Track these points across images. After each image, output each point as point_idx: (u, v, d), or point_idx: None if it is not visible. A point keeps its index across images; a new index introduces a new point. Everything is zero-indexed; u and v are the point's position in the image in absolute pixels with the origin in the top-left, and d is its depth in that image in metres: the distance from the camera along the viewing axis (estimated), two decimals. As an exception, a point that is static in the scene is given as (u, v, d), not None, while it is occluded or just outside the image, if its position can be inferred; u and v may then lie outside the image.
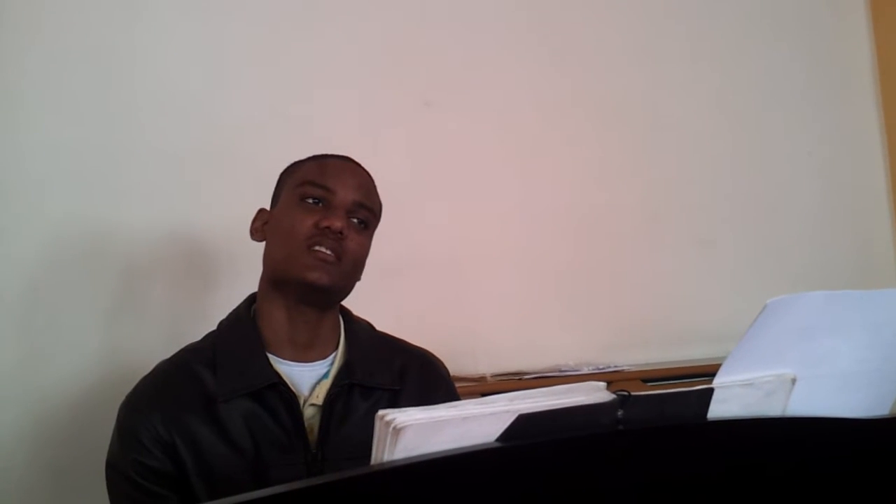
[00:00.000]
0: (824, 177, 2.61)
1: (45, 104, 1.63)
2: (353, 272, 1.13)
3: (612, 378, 1.81)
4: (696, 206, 2.34)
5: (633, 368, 1.93)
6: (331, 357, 1.13)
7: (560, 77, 2.22)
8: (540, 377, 1.79)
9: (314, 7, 1.92)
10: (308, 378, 1.11)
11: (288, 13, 1.89)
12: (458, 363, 1.84)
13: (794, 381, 0.71)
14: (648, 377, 1.87)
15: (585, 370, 1.85)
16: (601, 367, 1.89)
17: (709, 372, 0.70)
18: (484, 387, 1.73)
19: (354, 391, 1.11)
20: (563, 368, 1.85)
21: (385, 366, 1.15)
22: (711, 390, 0.67)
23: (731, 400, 0.68)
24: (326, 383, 1.10)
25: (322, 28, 1.92)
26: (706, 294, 2.23)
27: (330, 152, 1.20)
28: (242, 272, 1.47)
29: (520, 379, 1.79)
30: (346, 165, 1.17)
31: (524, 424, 0.60)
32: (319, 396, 1.09)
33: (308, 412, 1.08)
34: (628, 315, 2.15)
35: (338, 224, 1.07)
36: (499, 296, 2.02)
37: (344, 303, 1.19)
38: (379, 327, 1.25)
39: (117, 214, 1.64)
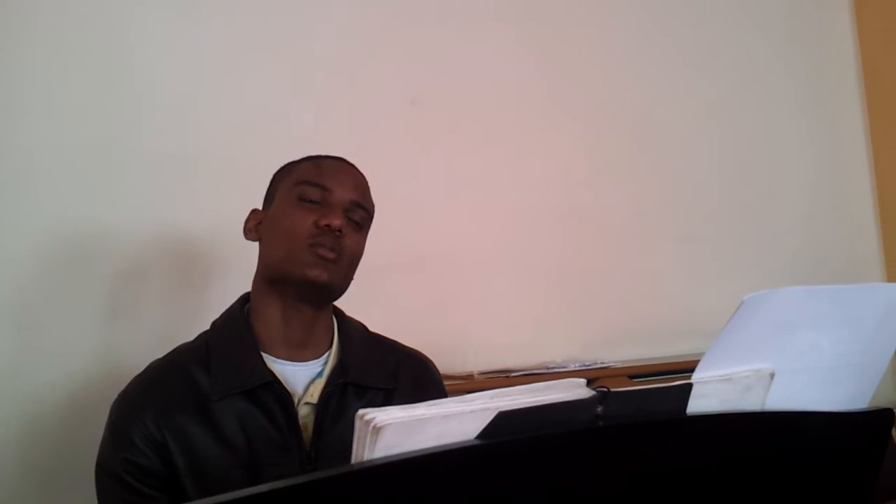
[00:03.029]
0: (809, 174, 2.63)
1: (36, 107, 1.61)
2: (349, 271, 1.14)
3: (598, 374, 1.83)
4: (681, 203, 2.35)
5: (620, 365, 1.94)
6: (324, 356, 1.14)
7: (546, 76, 2.23)
8: (527, 374, 1.79)
9: (301, 9, 1.92)
10: (302, 377, 1.11)
11: (275, 15, 1.89)
12: (446, 361, 1.85)
13: (772, 375, 0.71)
14: (635, 373, 1.88)
15: (572, 367, 1.86)
16: (588, 363, 1.90)
17: (694, 367, 0.70)
18: (471, 384, 1.74)
19: (348, 390, 1.11)
20: (550, 365, 1.86)
21: (378, 365, 1.16)
22: (690, 386, 0.67)
23: (710, 395, 0.69)
24: (321, 382, 1.11)
25: (309, 29, 1.92)
26: (692, 290, 2.25)
27: (319, 152, 1.20)
28: (233, 272, 1.47)
29: (507, 376, 1.79)
30: (342, 166, 1.18)
31: (504, 422, 0.60)
32: (314, 395, 1.09)
33: (302, 411, 1.09)
34: (615, 312, 2.16)
35: (337, 222, 1.08)
36: (487, 294, 2.03)
37: (338, 302, 1.19)
38: (369, 326, 1.25)
39: (108, 216, 1.64)
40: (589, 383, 0.67)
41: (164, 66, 1.74)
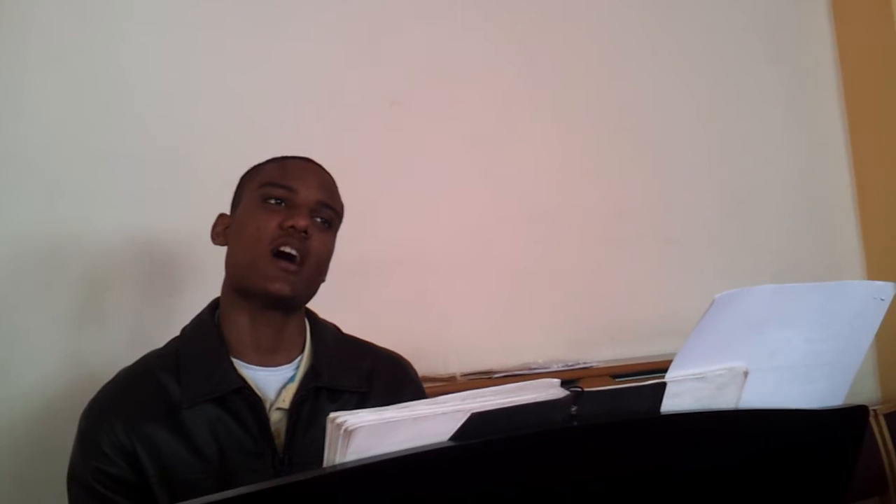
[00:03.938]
0: (789, 173, 2.65)
1: (7, 109, 1.59)
2: (316, 274, 1.12)
3: (581, 375, 1.83)
4: (662, 204, 2.36)
5: (603, 364, 1.95)
6: (297, 360, 1.12)
7: (527, 78, 2.23)
8: (509, 375, 1.79)
9: (280, 10, 1.91)
10: (274, 382, 1.10)
11: (254, 18, 1.88)
12: (428, 363, 1.85)
13: (746, 373, 0.71)
14: (617, 373, 1.89)
15: (555, 367, 1.86)
16: (571, 364, 1.90)
17: (677, 367, 0.70)
18: (454, 386, 1.73)
19: (322, 394, 1.10)
20: (532, 366, 1.86)
21: (352, 368, 1.14)
22: (664, 385, 0.67)
23: (684, 394, 0.69)
24: (293, 387, 1.09)
25: (288, 30, 1.92)
26: (673, 290, 2.26)
27: (293, 154, 1.19)
28: (206, 278, 1.45)
29: (489, 378, 1.79)
30: (307, 166, 1.16)
31: (477, 423, 0.60)
32: (286, 400, 1.08)
33: (274, 416, 1.07)
34: (597, 312, 2.17)
35: (302, 223, 1.06)
36: (469, 295, 2.03)
37: (315, 304, 1.18)
38: (349, 328, 1.24)
39: (80, 220, 1.62)
40: (572, 383, 0.67)
41: (141, 69, 1.73)
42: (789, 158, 2.66)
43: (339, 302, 1.25)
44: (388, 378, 1.17)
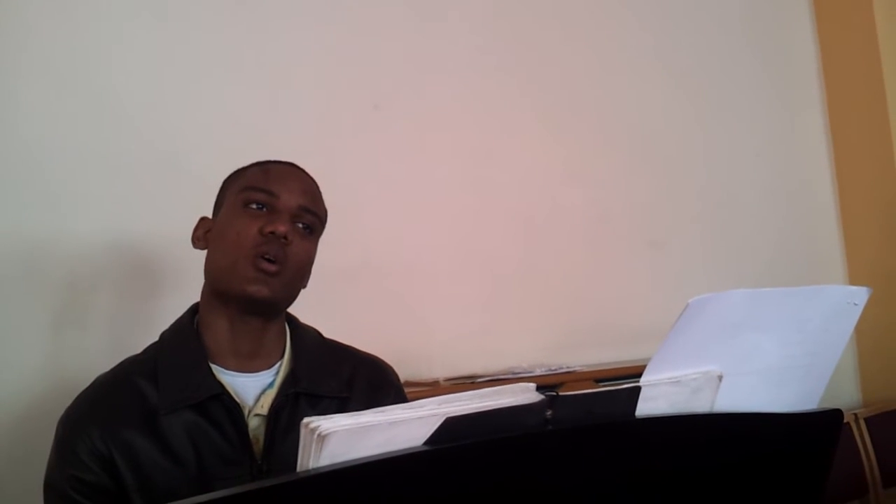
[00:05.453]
0: (772, 177, 2.68)
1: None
2: (296, 280, 1.11)
3: (564, 379, 1.83)
4: (645, 208, 2.38)
5: (586, 369, 1.95)
6: (276, 366, 1.11)
7: (509, 81, 2.24)
8: (493, 380, 1.79)
9: (263, 15, 1.91)
10: (253, 388, 1.09)
11: (237, 22, 1.88)
12: (412, 368, 1.85)
13: (720, 377, 0.72)
14: (601, 377, 1.90)
15: (538, 371, 1.86)
16: (554, 368, 1.91)
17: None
18: (437, 391, 1.73)
19: (301, 400, 1.09)
20: (516, 370, 1.86)
21: (332, 373, 1.14)
22: (639, 388, 0.68)
23: (659, 398, 0.69)
24: (272, 393, 1.08)
25: (270, 34, 1.91)
26: (657, 294, 2.27)
27: (277, 158, 1.18)
28: (187, 282, 1.44)
29: (473, 382, 1.80)
30: (290, 170, 1.15)
31: (452, 427, 0.60)
32: (265, 406, 1.07)
33: (253, 423, 1.06)
34: (581, 316, 2.17)
35: (282, 228, 1.05)
36: (452, 300, 2.03)
37: (297, 309, 1.17)
38: (331, 333, 1.23)
39: (59, 224, 1.61)
40: (551, 388, 0.67)
41: (124, 72, 1.72)
42: (772, 162, 2.69)
43: (321, 306, 1.24)
44: (368, 383, 1.16)
